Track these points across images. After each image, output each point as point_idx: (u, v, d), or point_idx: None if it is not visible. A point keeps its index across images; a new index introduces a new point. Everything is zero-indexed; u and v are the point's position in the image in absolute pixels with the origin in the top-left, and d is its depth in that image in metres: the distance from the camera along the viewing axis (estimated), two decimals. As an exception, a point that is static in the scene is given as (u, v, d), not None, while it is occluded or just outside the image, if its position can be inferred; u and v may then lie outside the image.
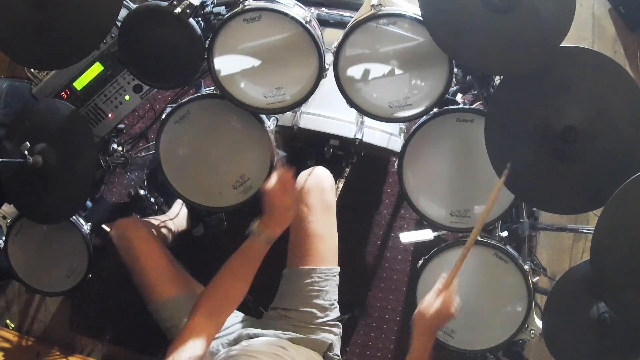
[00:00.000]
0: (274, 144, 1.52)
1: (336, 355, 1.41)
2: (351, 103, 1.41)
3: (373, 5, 1.29)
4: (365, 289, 2.08)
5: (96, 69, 1.61)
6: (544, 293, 1.52)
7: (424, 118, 1.42)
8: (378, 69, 1.38)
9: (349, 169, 1.87)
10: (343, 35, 1.33)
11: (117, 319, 2.15)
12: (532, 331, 1.46)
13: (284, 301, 1.47)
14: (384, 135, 1.73)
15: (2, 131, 1.56)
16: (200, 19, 1.37)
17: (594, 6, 2.11)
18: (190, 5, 1.28)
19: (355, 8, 1.61)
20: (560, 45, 1.15)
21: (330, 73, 1.38)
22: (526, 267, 1.45)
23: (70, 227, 1.61)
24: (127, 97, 1.64)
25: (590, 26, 2.10)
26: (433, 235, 1.56)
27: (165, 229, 1.80)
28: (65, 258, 1.67)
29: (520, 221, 1.60)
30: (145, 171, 2.06)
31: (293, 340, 1.35)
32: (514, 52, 1.19)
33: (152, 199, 2.01)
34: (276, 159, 1.49)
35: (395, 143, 1.74)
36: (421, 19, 1.25)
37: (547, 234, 2.02)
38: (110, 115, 1.65)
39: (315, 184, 1.49)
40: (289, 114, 1.69)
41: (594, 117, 1.21)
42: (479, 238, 1.47)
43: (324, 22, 1.94)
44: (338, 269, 1.48)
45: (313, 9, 1.43)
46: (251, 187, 1.55)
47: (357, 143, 1.66)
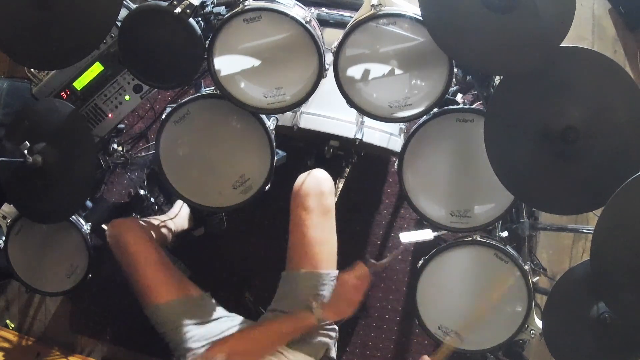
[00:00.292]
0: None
1: (333, 359, 1.42)
2: (351, 103, 1.41)
3: (373, 5, 1.29)
4: (365, 289, 2.08)
5: (96, 69, 1.60)
6: (544, 293, 1.52)
7: (424, 118, 1.42)
8: (378, 69, 1.38)
9: (349, 169, 1.87)
10: (343, 35, 1.33)
11: (117, 319, 2.15)
12: (532, 331, 1.46)
13: (281, 303, 1.47)
14: (384, 135, 1.73)
15: (2, 131, 1.56)
16: (200, 19, 1.37)
17: (594, 6, 2.11)
18: (190, 5, 1.28)
19: (355, 8, 1.60)
20: (560, 46, 1.15)
21: (330, 73, 1.38)
22: (526, 267, 1.45)
23: (70, 227, 1.61)
24: (127, 97, 1.64)
25: (590, 26, 2.10)
26: (433, 235, 1.55)
27: (165, 228, 1.80)
28: (65, 258, 1.67)
29: (520, 221, 1.60)
30: (145, 171, 2.06)
31: (290, 344, 1.35)
32: (513, 52, 1.19)
33: (152, 199, 2.00)
34: (369, 263, 1.48)
35: (395, 143, 1.74)
36: (421, 19, 1.25)
37: (547, 234, 2.02)
38: (110, 115, 1.65)
39: (314, 186, 1.48)
40: (289, 114, 1.68)
41: (594, 117, 1.20)
42: (479, 238, 1.47)
43: (324, 22, 1.93)
44: (336, 272, 1.46)
45: (313, 9, 1.42)
46: (251, 187, 1.55)
47: (357, 143, 1.66)
